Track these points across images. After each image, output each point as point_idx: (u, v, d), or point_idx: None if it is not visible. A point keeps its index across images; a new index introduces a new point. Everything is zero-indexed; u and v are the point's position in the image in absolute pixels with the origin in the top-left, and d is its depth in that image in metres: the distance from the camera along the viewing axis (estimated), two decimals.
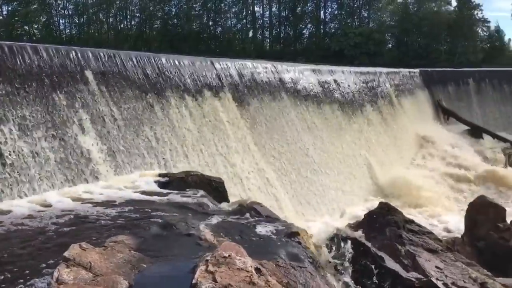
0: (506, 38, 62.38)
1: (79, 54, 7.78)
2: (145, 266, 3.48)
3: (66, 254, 3.23)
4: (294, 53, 47.74)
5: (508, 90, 22.96)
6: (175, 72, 9.53)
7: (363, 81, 16.85)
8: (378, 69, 19.02)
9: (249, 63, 11.95)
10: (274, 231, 4.69)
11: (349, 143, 13.86)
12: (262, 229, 4.73)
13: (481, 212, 8.07)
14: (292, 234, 4.63)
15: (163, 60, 9.60)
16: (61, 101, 6.92)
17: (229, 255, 3.40)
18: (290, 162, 10.88)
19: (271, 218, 5.18)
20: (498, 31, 53.91)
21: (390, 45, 51.90)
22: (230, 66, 11.18)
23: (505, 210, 8.16)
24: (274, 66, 12.71)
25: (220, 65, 10.96)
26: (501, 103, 22.63)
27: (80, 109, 7.11)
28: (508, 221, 8.09)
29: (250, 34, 52.49)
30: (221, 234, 4.53)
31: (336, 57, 38.49)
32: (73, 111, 6.99)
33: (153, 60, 9.32)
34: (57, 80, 7.04)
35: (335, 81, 15.31)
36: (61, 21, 50.06)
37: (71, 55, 7.64)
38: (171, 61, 9.78)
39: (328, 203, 11.31)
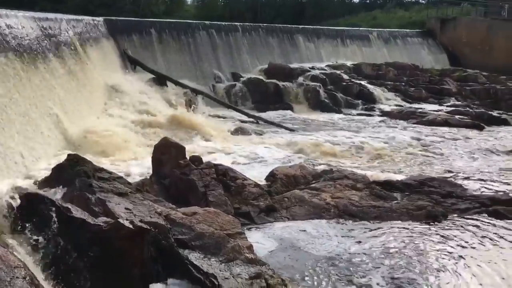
0: None
1: None
2: None
3: None
4: None
5: (186, 41, 25.03)
6: None
7: (43, 27, 15.45)
8: (59, 16, 17.70)
9: None
10: None
11: (31, 96, 12.64)
12: None
13: (164, 152, 8.79)
14: None
15: None
16: None
17: None
18: None
19: None
20: None
21: None
22: None
23: (184, 148, 9.10)
24: None
25: None
26: (180, 53, 24.57)
27: None
28: (188, 158, 9.07)
29: None
30: None
31: (13, 2, 34.09)
32: None
33: None
34: None
35: (8, 26, 13.52)
36: None
37: None
38: None
39: (11, 164, 10.17)
